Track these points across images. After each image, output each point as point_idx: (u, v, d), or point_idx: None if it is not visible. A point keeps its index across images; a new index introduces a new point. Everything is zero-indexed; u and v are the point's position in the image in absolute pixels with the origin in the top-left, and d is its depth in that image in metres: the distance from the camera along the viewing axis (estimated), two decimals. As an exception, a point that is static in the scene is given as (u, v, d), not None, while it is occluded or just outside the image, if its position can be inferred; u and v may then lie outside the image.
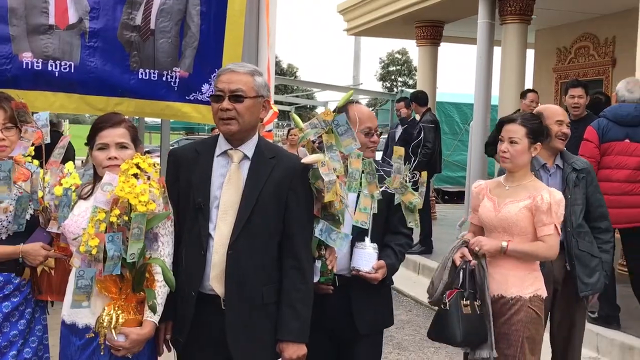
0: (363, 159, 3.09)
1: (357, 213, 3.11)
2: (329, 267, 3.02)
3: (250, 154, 2.87)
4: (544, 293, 3.49)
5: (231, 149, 2.87)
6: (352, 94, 3.37)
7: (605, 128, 5.71)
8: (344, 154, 3.01)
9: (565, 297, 4.03)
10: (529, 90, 8.88)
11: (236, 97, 2.80)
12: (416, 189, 3.28)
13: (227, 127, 2.82)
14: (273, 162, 2.87)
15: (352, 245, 3.20)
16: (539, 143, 3.52)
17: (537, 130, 3.54)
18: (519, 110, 8.28)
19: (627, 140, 5.70)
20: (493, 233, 3.50)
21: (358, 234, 3.18)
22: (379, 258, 3.21)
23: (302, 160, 2.88)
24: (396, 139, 9.56)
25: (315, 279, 3.01)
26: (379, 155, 4.81)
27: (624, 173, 5.71)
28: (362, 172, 3.09)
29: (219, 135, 2.95)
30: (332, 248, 3.00)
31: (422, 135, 9.16)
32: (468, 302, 3.36)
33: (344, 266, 3.18)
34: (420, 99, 9.66)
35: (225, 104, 2.79)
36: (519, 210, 3.40)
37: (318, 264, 3.01)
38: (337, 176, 2.90)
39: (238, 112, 2.80)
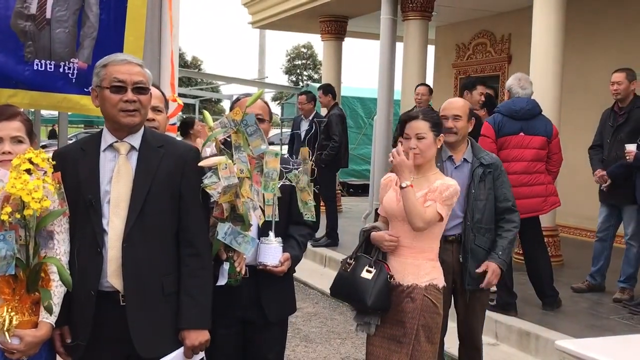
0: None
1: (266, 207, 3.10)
2: (237, 269, 3.02)
3: (137, 145, 2.82)
4: (440, 282, 3.58)
5: (117, 141, 2.81)
6: (262, 92, 3.35)
7: (500, 123, 5.95)
8: (260, 155, 3.00)
9: (463, 288, 4.15)
10: (420, 84, 9.28)
11: (139, 89, 2.77)
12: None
13: (131, 118, 2.76)
14: (162, 150, 2.84)
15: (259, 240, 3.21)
16: (442, 134, 3.64)
17: (438, 122, 3.66)
18: (415, 107, 8.54)
19: (521, 134, 5.96)
20: (394, 221, 3.58)
21: (263, 229, 3.18)
22: (283, 250, 3.24)
23: (201, 163, 2.86)
24: (303, 135, 9.56)
25: (223, 282, 3.00)
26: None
27: (521, 165, 5.96)
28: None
29: (102, 130, 2.88)
30: None
31: (328, 129, 9.24)
32: (372, 268, 3.45)
33: (250, 257, 3.18)
34: (332, 91, 9.77)
35: (130, 95, 2.74)
36: (416, 200, 3.48)
37: (226, 266, 3.00)
38: (249, 177, 2.89)
39: (142, 103, 2.78)
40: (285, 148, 11.99)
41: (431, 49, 12.94)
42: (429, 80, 11.86)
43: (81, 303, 2.74)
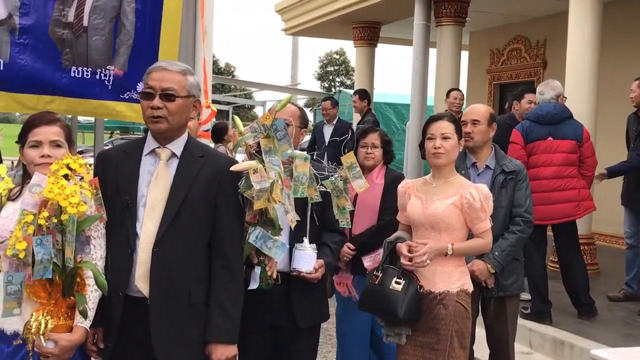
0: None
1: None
2: (269, 274, 3.02)
3: (178, 153, 2.84)
4: (470, 287, 3.55)
5: (159, 147, 2.84)
6: (290, 98, 3.38)
7: (528, 129, 5.92)
8: (289, 158, 3.02)
9: (490, 295, 4.11)
10: (453, 89, 9.16)
11: (167, 96, 2.77)
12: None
13: (156, 125, 2.78)
14: (202, 160, 2.84)
15: (291, 246, 3.23)
16: (463, 139, 3.64)
17: (461, 127, 3.67)
18: (446, 111, 8.51)
19: (549, 138, 5.91)
20: (420, 230, 3.55)
21: (296, 235, 3.19)
22: (317, 257, 3.25)
23: (232, 168, 2.85)
24: (327, 139, 9.55)
25: (255, 286, 3.00)
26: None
27: (551, 170, 5.90)
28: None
29: (147, 134, 2.91)
30: None
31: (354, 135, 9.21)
32: (401, 279, 3.42)
33: (283, 264, 3.19)
34: (368, 97, 9.77)
35: (156, 102, 2.75)
36: (446, 207, 3.46)
37: (257, 270, 3.00)
38: (280, 180, 2.90)
39: (169, 110, 2.77)
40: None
41: (464, 54, 12.86)
42: (462, 86, 11.78)
43: (110, 304, 2.76)
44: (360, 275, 4.20)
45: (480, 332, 4.26)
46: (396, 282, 3.42)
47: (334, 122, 9.68)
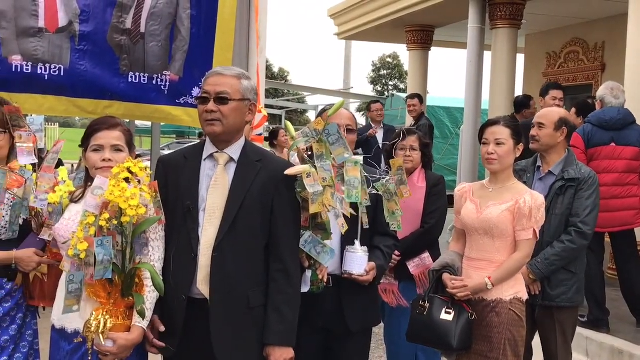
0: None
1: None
2: (320, 277, 3.03)
3: (236, 157, 2.88)
4: (524, 295, 3.49)
5: (217, 151, 2.88)
6: (343, 102, 3.39)
7: (590, 133, 5.76)
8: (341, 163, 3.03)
9: (543, 304, 4.01)
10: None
11: (221, 100, 2.82)
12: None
13: (211, 128, 2.83)
14: (259, 165, 2.88)
15: (342, 248, 3.23)
16: (521, 144, 3.55)
17: (520, 131, 3.57)
18: (512, 114, 8.26)
19: (612, 144, 5.75)
20: (474, 235, 3.51)
21: (347, 237, 3.19)
22: (369, 259, 3.24)
23: (286, 172, 2.88)
24: (380, 142, 9.46)
25: (306, 289, 3.01)
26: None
27: (612, 177, 5.74)
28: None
29: (206, 139, 2.96)
30: None
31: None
32: (451, 309, 3.39)
33: (334, 266, 3.20)
34: (422, 101, 9.72)
35: (211, 105, 2.81)
36: (500, 213, 3.41)
37: (308, 273, 3.00)
38: (331, 185, 2.91)
39: (222, 113, 2.81)
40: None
41: (520, 57, 12.67)
42: (518, 90, 11.61)
43: (173, 308, 2.81)
44: (406, 281, 4.17)
45: (538, 340, 4.17)
46: (446, 312, 3.39)
47: (381, 126, 9.65)
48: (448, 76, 79.39)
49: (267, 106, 4.32)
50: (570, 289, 3.99)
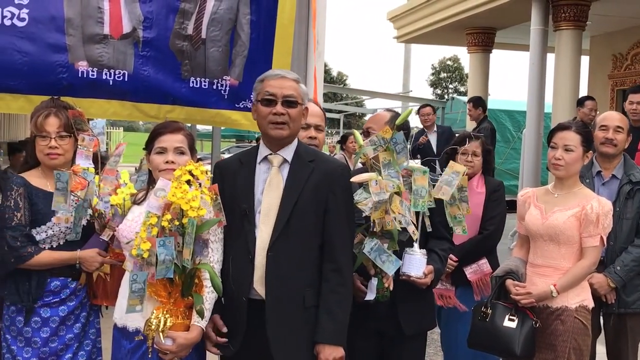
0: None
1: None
2: (386, 285, 3.02)
3: (289, 158, 2.91)
4: (590, 303, 3.42)
5: (271, 154, 2.91)
6: (410, 111, 3.36)
7: None
8: (406, 171, 3.04)
9: (611, 311, 3.92)
10: (586, 98, 8.45)
11: (289, 102, 2.86)
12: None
13: (279, 131, 2.86)
14: (312, 165, 2.90)
15: (401, 251, 3.20)
16: (590, 151, 3.47)
17: (591, 138, 3.49)
18: (575, 118, 8.10)
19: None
20: (538, 241, 3.44)
21: (406, 240, 3.17)
22: (427, 262, 3.21)
23: (353, 179, 2.90)
24: (435, 145, 9.36)
25: (372, 297, 3.01)
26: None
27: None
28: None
29: (259, 142, 2.99)
30: None
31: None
32: (515, 316, 3.34)
33: None
34: (483, 104, 9.57)
35: (279, 108, 2.84)
36: (567, 219, 3.33)
37: (374, 281, 3.01)
38: (398, 193, 2.91)
39: (291, 117, 2.85)
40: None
41: (584, 59, 12.38)
42: (582, 93, 11.34)
43: (234, 309, 2.85)
44: (463, 287, 4.12)
45: (602, 350, 4.07)
46: (510, 319, 3.34)
47: (434, 129, 9.54)
48: (510, 79, 78.15)
49: (325, 110, 4.34)
50: None
